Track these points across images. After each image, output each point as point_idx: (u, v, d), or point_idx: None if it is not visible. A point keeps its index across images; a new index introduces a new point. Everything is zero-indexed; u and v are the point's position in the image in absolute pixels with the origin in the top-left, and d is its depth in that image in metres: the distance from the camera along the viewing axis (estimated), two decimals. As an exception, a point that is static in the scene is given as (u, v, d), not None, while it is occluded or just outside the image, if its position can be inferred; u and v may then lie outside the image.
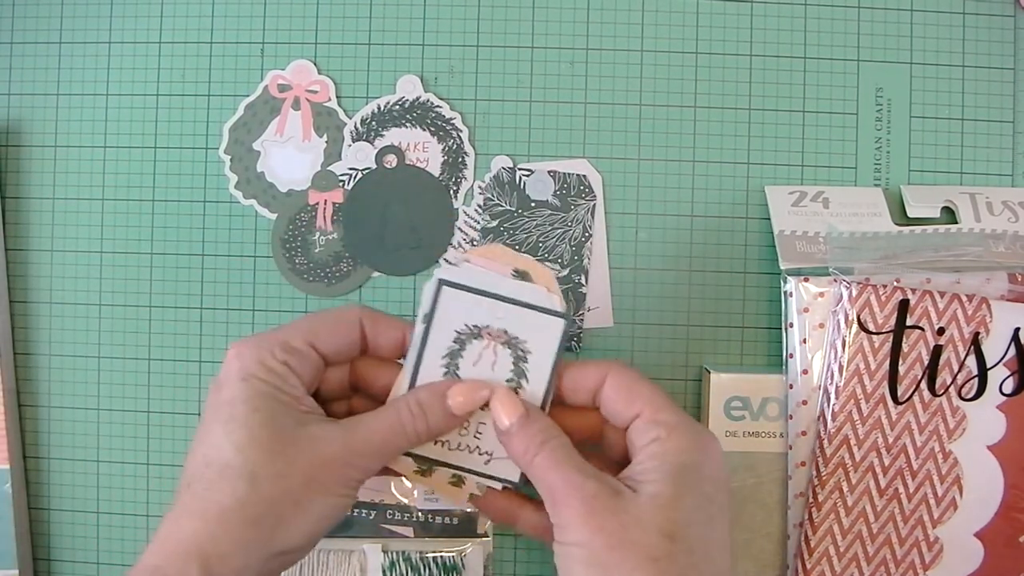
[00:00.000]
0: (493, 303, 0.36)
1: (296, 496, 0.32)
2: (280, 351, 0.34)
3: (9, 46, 0.48)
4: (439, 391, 0.35)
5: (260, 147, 0.47)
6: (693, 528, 0.31)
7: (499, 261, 0.36)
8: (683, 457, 0.33)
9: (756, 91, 0.46)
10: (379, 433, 0.34)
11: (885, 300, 0.41)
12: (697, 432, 0.34)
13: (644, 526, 0.31)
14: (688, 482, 0.32)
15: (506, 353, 0.36)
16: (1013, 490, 0.41)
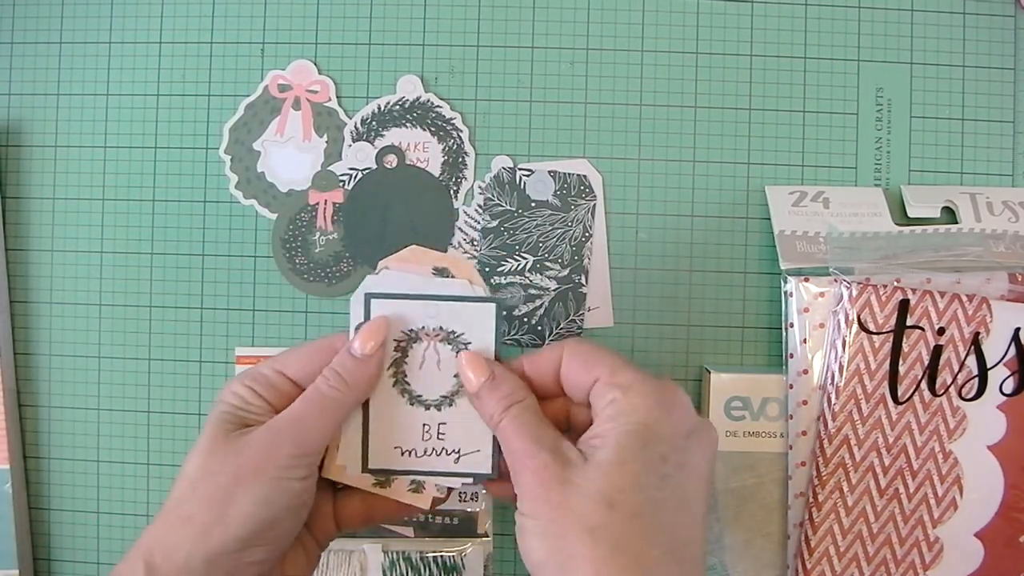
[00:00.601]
0: (423, 304, 0.36)
1: (225, 487, 0.33)
2: (248, 379, 0.36)
3: (9, 46, 0.48)
4: (344, 348, 0.36)
5: (260, 147, 0.47)
6: (638, 492, 0.31)
7: (418, 263, 0.37)
8: (636, 416, 0.32)
9: (756, 91, 0.46)
10: (299, 405, 0.35)
11: (885, 300, 0.41)
12: (655, 389, 0.33)
13: (585, 495, 0.31)
14: (637, 444, 0.31)
15: (447, 349, 0.36)
16: (1013, 490, 0.41)
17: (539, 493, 0.32)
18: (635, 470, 0.31)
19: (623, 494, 0.31)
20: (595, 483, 0.31)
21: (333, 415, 0.35)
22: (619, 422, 0.32)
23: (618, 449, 0.31)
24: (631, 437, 0.31)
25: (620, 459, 0.31)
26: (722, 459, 0.43)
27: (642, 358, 0.46)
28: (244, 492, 0.33)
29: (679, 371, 0.46)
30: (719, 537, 0.43)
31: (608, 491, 0.31)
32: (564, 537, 0.30)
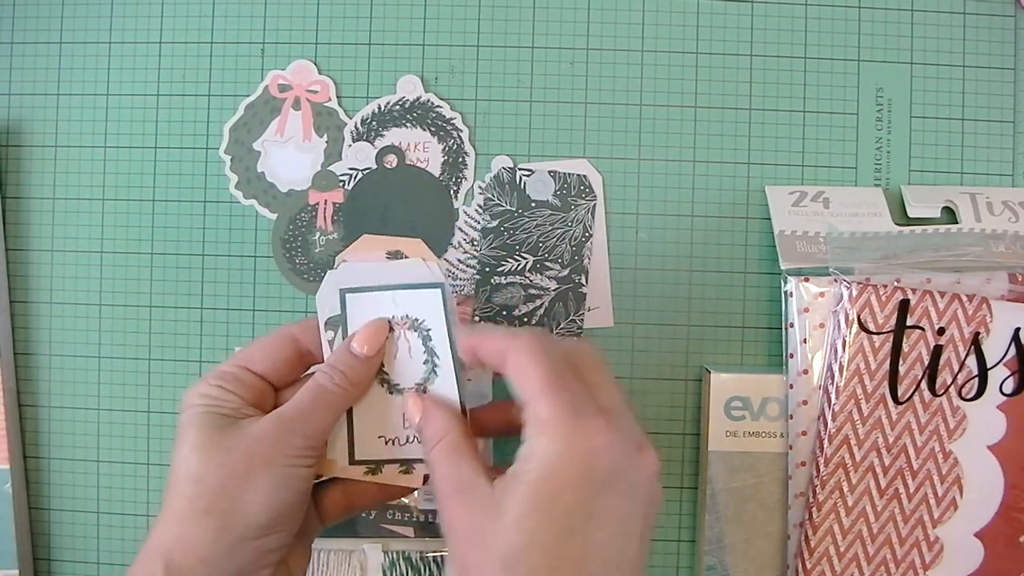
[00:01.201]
0: (390, 294, 0.37)
1: (240, 476, 0.33)
2: (214, 378, 0.36)
3: (9, 46, 0.48)
4: (344, 346, 0.37)
5: (260, 147, 0.47)
6: (535, 553, 0.30)
7: (372, 250, 0.37)
8: (542, 464, 0.31)
9: (756, 91, 0.46)
10: (304, 400, 0.35)
11: (885, 300, 0.41)
12: (569, 429, 0.31)
13: (489, 547, 0.31)
14: (539, 498, 0.31)
15: (415, 336, 0.37)
16: (1013, 490, 0.41)
17: (452, 542, 0.32)
18: (532, 526, 0.30)
19: (521, 553, 0.30)
20: (497, 539, 0.31)
21: (336, 410, 0.36)
22: (526, 468, 0.31)
23: (520, 500, 0.31)
24: (532, 488, 0.31)
25: (521, 513, 0.30)
26: (722, 459, 0.43)
27: (642, 358, 0.46)
28: (259, 479, 0.33)
29: (679, 371, 0.46)
30: (719, 537, 0.43)
31: (506, 551, 0.30)
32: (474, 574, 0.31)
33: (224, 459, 0.33)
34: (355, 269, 0.37)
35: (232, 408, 0.35)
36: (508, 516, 0.31)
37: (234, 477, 0.33)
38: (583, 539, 0.31)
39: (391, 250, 0.38)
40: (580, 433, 0.31)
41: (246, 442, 0.34)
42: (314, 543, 0.44)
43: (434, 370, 0.37)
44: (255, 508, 0.33)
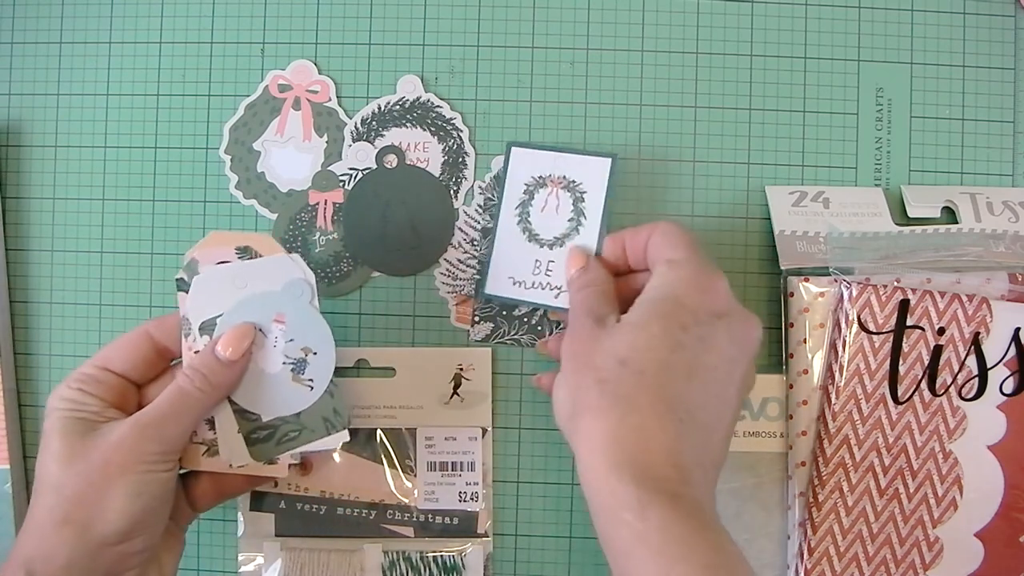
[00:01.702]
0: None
1: (97, 484, 0.34)
2: (74, 381, 0.36)
3: (9, 46, 0.48)
4: (208, 349, 0.37)
5: (260, 147, 0.47)
6: (650, 352, 0.33)
7: (221, 246, 0.38)
8: (669, 287, 0.34)
9: (756, 91, 0.46)
10: (163, 403, 0.36)
11: (885, 300, 0.41)
12: (697, 268, 0.35)
13: (604, 350, 0.34)
14: (662, 310, 0.34)
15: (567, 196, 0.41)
16: (1013, 490, 0.41)
17: (571, 350, 0.35)
18: (651, 333, 0.33)
19: (635, 352, 0.33)
20: (614, 340, 0.34)
21: (196, 413, 0.36)
22: (655, 291, 0.35)
23: (643, 313, 0.34)
24: (657, 304, 0.34)
25: (641, 322, 0.34)
26: (722, 459, 0.43)
27: (642, 358, 0.46)
28: (116, 487, 0.34)
29: (679, 371, 0.46)
30: (719, 537, 0.43)
31: (622, 349, 0.33)
32: (579, 388, 0.34)
33: (82, 467, 0.34)
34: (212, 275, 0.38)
35: (92, 412, 0.36)
36: (629, 324, 0.34)
37: (91, 486, 0.34)
38: (692, 356, 0.33)
39: (240, 245, 0.38)
40: (707, 273, 0.35)
41: (103, 449, 0.34)
42: (314, 543, 0.44)
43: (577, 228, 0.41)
44: (113, 516, 0.33)
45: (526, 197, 0.43)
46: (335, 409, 0.39)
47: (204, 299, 0.38)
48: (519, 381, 0.46)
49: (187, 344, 0.38)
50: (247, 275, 0.38)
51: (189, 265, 0.38)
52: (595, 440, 0.32)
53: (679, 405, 0.32)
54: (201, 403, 0.36)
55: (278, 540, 0.45)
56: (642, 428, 0.32)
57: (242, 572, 0.45)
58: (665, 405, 0.32)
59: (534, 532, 0.46)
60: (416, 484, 0.45)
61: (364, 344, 0.46)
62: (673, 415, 0.32)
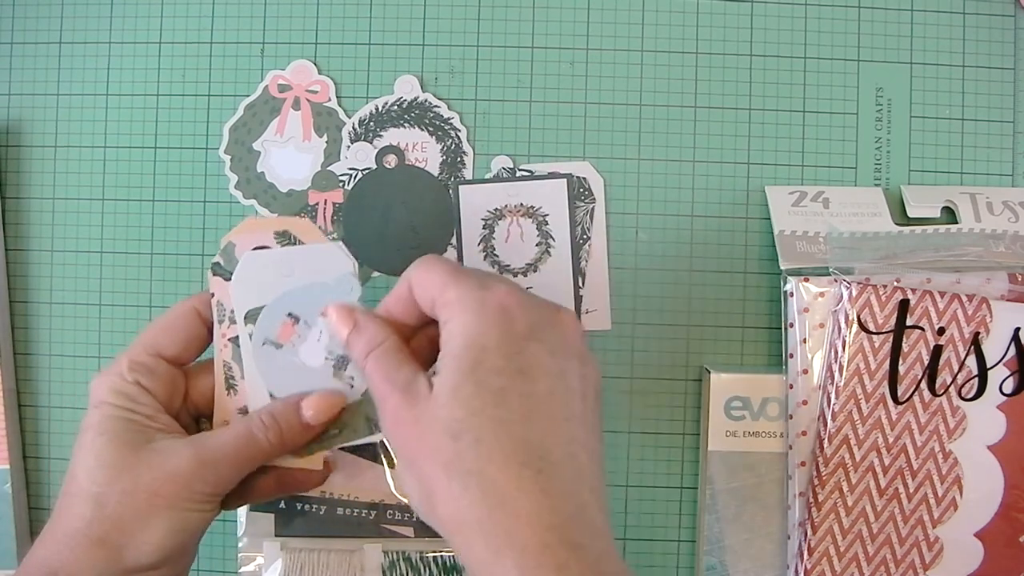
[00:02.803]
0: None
1: (142, 512, 0.32)
2: (128, 372, 0.34)
3: (9, 46, 0.48)
4: (292, 402, 0.36)
5: (260, 147, 0.47)
6: (476, 417, 0.30)
7: (259, 231, 0.37)
8: (462, 336, 0.31)
9: (756, 91, 0.46)
10: (229, 445, 0.34)
11: (885, 300, 0.41)
12: (477, 300, 0.31)
13: (433, 429, 0.30)
14: (465, 365, 0.30)
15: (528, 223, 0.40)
16: (1013, 490, 0.41)
17: (398, 435, 0.31)
18: (467, 394, 0.30)
19: (462, 423, 0.30)
20: (437, 416, 0.30)
21: (256, 463, 0.35)
22: (450, 346, 0.31)
23: (449, 375, 0.30)
24: (458, 360, 0.30)
25: (453, 386, 0.30)
26: (722, 459, 0.43)
27: (642, 358, 0.46)
28: (159, 520, 0.33)
29: (679, 371, 0.46)
30: (719, 537, 0.43)
31: (450, 423, 0.30)
32: (424, 474, 0.30)
33: (129, 486, 0.33)
34: (269, 257, 0.37)
35: (146, 415, 0.34)
36: (443, 393, 0.30)
37: (135, 511, 0.32)
38: (520, 395, 0.30)
39: (279, 230, 0.37)
40: (489, 298, 0.31)
41: (155, 475, 0.33)
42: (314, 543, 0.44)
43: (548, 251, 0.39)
44: (149, 548, 0.32)
45: (486, 232, 0.43)
46: None
47: (249, 285, 0.37)
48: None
49: (221, 331, 0.37)
50: (294, 262, 0.37)
51: (226, 249, 0.37)
52: (465, 532, 0.29)
53: (530, 454, 0.29)
54: (265, 453, 0.35)
55: (278, 540, 0.45)
56: (503, 502, 0.29)
57: (242, 572, 0.44)
58: (517, 463, 0.29)
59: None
60: (416, 484, 0.45)
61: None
62: (529, 469, 0.29)
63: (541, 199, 0.41)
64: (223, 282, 0.37)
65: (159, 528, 0.33)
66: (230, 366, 0.37)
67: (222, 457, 0.34)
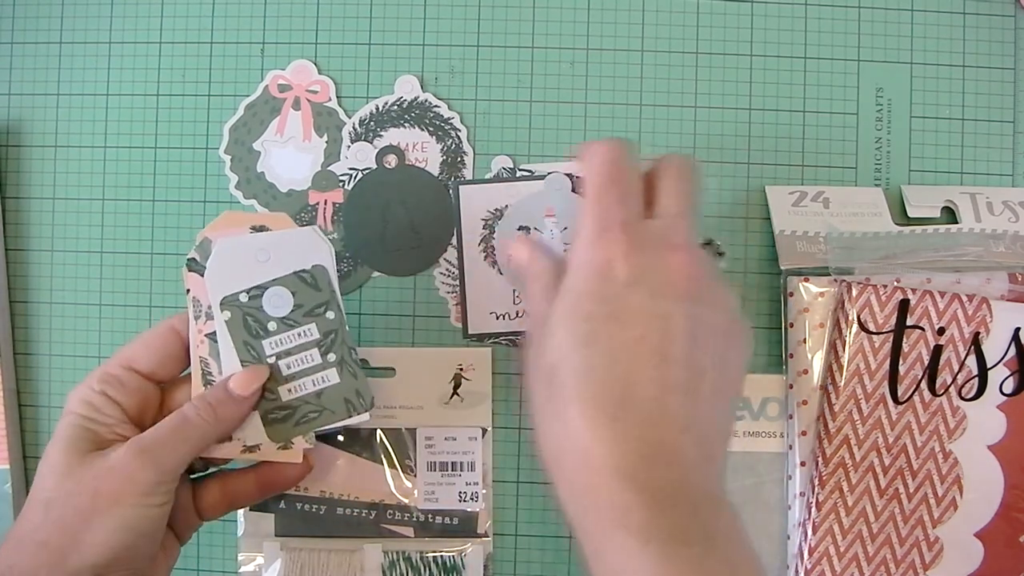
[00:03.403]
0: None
1: (85, 512, 0.32)
2: (98, 383, 0.35)
3: (9, 46, 0.48)
4: (222, 380, 0.36)
5: (260, 147, 0.47)
6: (564, 362, 0.31)
7: (236, 226, 0.37)
8: (567, 279, 0.33)
9: (756, 91, 0.46)
10: (163, 430, 0.34)
11: (885, 300, 0.41)
12: (590, 243, 0.32)
13: (539, 368, 0.32)
14: (563, 309, 0.32)
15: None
16: (1013, 490, 0.41)
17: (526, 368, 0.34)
18: (559, 339, 0.31)
19: (556, 367, 0.31)
20: (540, 355, 0.32)
21: (195, 443, 0.35)
22: (564, 281, 0.33)
23: (553, 317, 0.32)
24: (560, 303, 0.32)
25: (552, 328, 0.32)
26: (722, 459, 0.43)
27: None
28: (102, 519, 0.32)
29: (679, 371, 0.46)
30: (719, 537, 0.43)
31: (547, 367, 0.32)
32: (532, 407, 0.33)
33: (73, 488, 0.33)
34: (241, 243, 0.37)
35: (106, 424, 0.34)
36: (547, 337, 0.32)
37: (78, 513, 0.32)
38: (608, 341, 0.31)
39: (255, 225, 0.37)
40: (599, 246, 0.32)
41: (96, 473, 0.33)
42: (314, 543, 0.44)
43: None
44: (94, 550, 0.32)
45: (486, 232, 0.44)
46: (358, 391, 0.38)
47: (224, 271, 0.37)
48: (519, 381, 0.46)
49: (196, 327, 0.37)
50: (270, 247, 0.37)
51: (202, 245, 0.37)
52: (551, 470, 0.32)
53: (609, 400, 0.30)
54: (203, 433, 0.35)
55: (278, 540, 0.45)
56: (578, 446, 0.30)
57: (242, 572, 0.45)
58: (594, 408, 0.30)
59: (534, 532, 0.46)
60: (416, 484, 0.45)
61: (364, 344, 0.46)
62: (605, 415, 0.30)
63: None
64: (199, 278, 0.37)
65: (103, 527, 0.32)
66: (207, 362, 0.37)
67: (159, 444, 0.34)
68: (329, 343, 0.38)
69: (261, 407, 0.38)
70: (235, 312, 0.37)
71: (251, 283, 0.37)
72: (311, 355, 0.38)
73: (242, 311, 0.37)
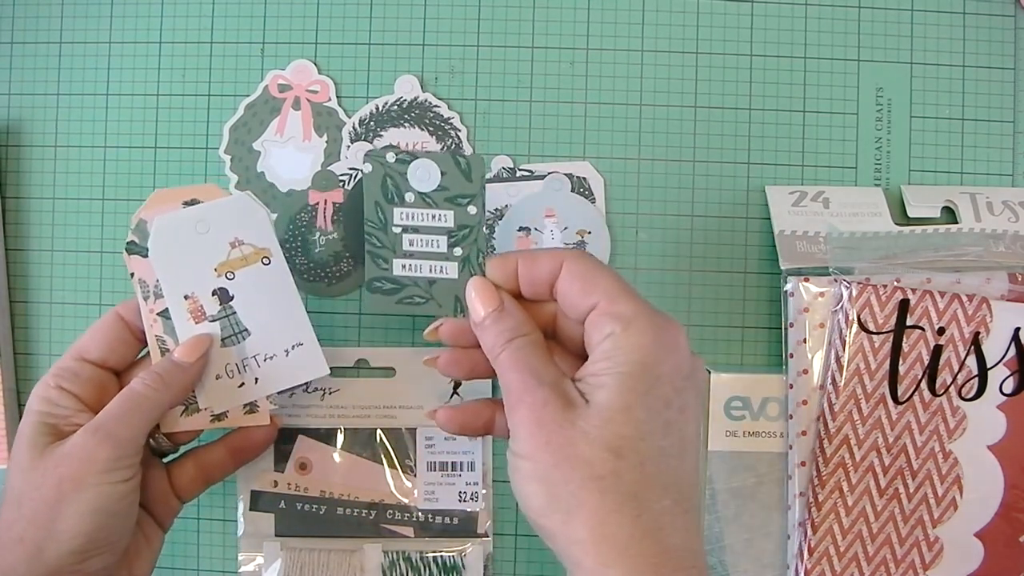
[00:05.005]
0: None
1: (52, 501, 0.33)
2: (53, 377, 0.36)
3: (9, 46, 0.48)
4: (166, 356, 0.37)
5: (260, 147, 0.47)
6: (645, 441, 0.29)
7: (168, 203, 0.38)
8: (637, 356, 0.30)
9: (756, 91, 0.46)
10: (114, 405, 0.35)
11: (885, 300, 0.41)
12: (656, 324, 0.31)
13: (591, 441, 0.29)
14: (641, 387, 0.30)
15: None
16: (1013, 490, 0.41)
17: (538, 434, 0.30)
18: (639, 417, 0.30)
19: (630, 442, 0.29)
20: (600, 429, 0.29)
21: (147, 413, 0.35)
22: (618, 361, 0.30)
23: (621, 392, 0.30)
24: (632, 380, 0.30)
25: (624, 404, 0.30)
26: (722, 459, 0.43)
27: (642, 358, 0.46)
28: (69, 505, 0.33)
29: (679, 371, 0.46)
30: (719, 537, 0.43)
31: (613, 439, 0.29)
32: (568, 484, 0.29)
33: (39, 481, 0.33)
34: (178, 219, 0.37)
35: (63, 416, 0.35)
36: (609, 407, 0.30)
37: (45, 503, 0.33)
38: (680, 430, 0.31)
39: (187, 199, 0.38)
40: (667, 331, 0.31)
41: (56, 461, 0.33)
42: (314, 543, 0.44)
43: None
44: (67, 536, 0.33)
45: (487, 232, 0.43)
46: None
47: (169, 249, 0.37)
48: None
49: (147, 308, 0.38)
50: (207, 218, 0.37)
51: (139, 227, 0.38)
52: (604, 549, 0.29)
53: (681, 493, 0.30)
54: (153, 402, 0.35)
55: (278, 540, 0.45)
56: (657, 530, 0.29)
57: (242, 572, 0.45)
58: (671, 498, 0.30)
59: (534, 532, 0.45)
60: (416, 484, 0.45)
61: (364, 344, 0.46)
62: (679, 507, 0.30)
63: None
64: (141, 260, 0.38)
65: (72, 512, 0.33)
66: (163, 339, 0.38)
67: (111, 419, 0.34)
68: (460, 237, 0.37)
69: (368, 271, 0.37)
70: (377, 168, 0.36)
71: (197, 256, 0.37)
72: (438, 241, 0.37)
73: (384, 169, 0.36)
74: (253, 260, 0.38)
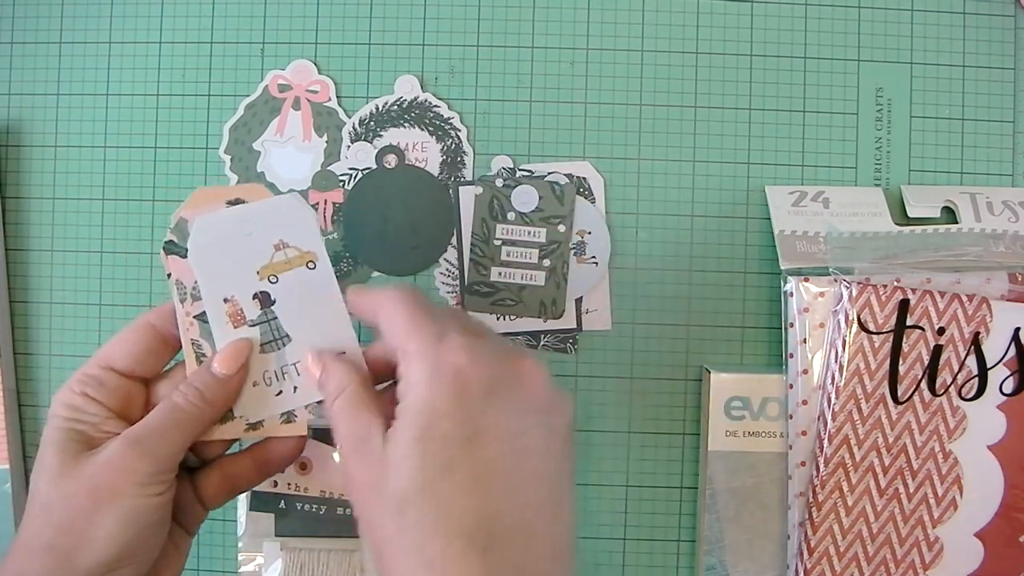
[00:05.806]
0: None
1: (87, 511, 0.32)
2: (77, 384, 0.35)
3: (9, 46, 0.48)
4: (204, 365, 0.36)
5: (260, 147, 0.47)
6: (421, 492, 0.29)
7: (210, 202, 0.36)
8: (414, 399, 0.30)
9: (756, 91, 0.46)
10: (154, 419, 0.34)
11: (885, 300, 0.41)
12: (431, 359, 0.30)
13: (382, 496, 0.30)
14: (414, 433, 0.29)
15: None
16: (1013, 490, 0.41)
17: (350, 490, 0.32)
18: (413, 465, 0.29)
19: (406, 496, 0.29)
20: (386, 483, 0.30)
21: (188, 429, 0.35)
22: (404, 404, 0.30)
23: (399, 443, 0.30)
24: (410, 426, 0.30)
25: (401, 455, 0.30)
26: (722, 459, 0.43)
27: (642, 358, 0.46)
28: (104, 515, 0.32)
29: (679, 371, 0.46)
30: (719, 537, 0.43)
31: (394, 493, 0.29)
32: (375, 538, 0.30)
33: (72, 489, 0.33)
34: (220, 219, 0.36)
35: (92, 423, 0.34)
36: (393, 462, 0.30)
37: (79, 511, 0.32)
38: (469, 465, 0.29)
39: (231, 199, 0.36)
40: (445, 355, 0.30)
41: (92, 470, 0.33)
42: (314, 543, 0.44)
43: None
44: (98, 545, 0.32)
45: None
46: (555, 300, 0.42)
47: (210, 250, 0.36)
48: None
49: (184, 310, 0.36)
50: (251, 219, 0.36)
51: (178, 226, 0.36)
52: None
53: (477, 530, 0.28)
54: (194, 419, 0.35)
55: (278, 540, 0.45)
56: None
57: (242, 572, 0.44)
58: (462, 541, 0.28)
59: (534, 532, 0.46)
60: (416, 484, 0.45)
61: (364, 344, 0.46)
62: (475, 548, 0.28)
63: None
64: (180, 260, 0.36)
65: (107, 522, 0.32)
66: (199, 343, 0.36)
67: (151, 433, 0.34)
68: (550, 251, 0.42)
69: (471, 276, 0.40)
70: (487, 190, 0.41)
71: (240, 258, 0.36)
72: (530, 253, 0.42)
73: (492, 192, 0.41)
74: (297, 264, 0.36)
